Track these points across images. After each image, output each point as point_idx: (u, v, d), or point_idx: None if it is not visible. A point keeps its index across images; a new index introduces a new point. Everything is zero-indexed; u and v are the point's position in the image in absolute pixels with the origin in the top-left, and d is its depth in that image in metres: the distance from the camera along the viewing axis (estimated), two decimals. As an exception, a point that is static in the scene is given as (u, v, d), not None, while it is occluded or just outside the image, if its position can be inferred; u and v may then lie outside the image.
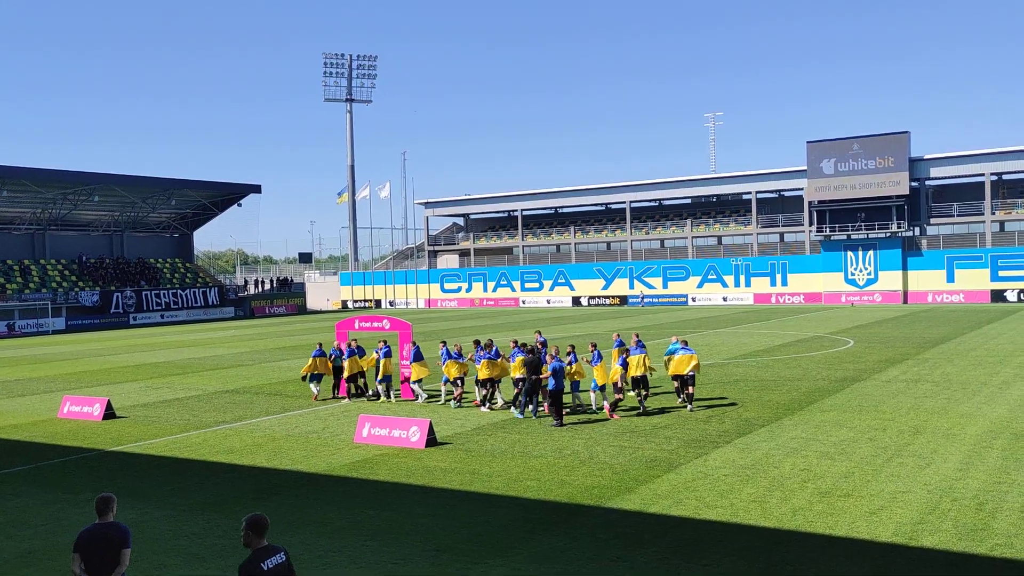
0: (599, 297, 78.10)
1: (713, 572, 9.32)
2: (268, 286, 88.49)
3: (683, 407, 19.39)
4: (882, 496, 11.90)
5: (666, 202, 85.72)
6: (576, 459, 14.86)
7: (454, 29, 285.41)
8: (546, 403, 18.42)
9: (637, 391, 19.19)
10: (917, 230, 68.22)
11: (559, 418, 17.94)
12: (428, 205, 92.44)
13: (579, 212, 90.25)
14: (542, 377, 18.48)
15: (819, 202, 68.85)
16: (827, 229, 68.96)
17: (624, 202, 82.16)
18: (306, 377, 23.17)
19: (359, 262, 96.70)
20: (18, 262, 70.52)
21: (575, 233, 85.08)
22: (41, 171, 68.59)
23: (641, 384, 19.14)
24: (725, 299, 72.59)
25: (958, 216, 67.84)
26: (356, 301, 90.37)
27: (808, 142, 68.73)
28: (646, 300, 75.12)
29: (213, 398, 24.16)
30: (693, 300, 73.69)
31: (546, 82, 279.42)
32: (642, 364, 19.07)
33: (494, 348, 20.43)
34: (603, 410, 19.09)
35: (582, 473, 13.85)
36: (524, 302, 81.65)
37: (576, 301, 79.01)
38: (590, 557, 9.90)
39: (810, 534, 10.44)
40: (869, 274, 67.47)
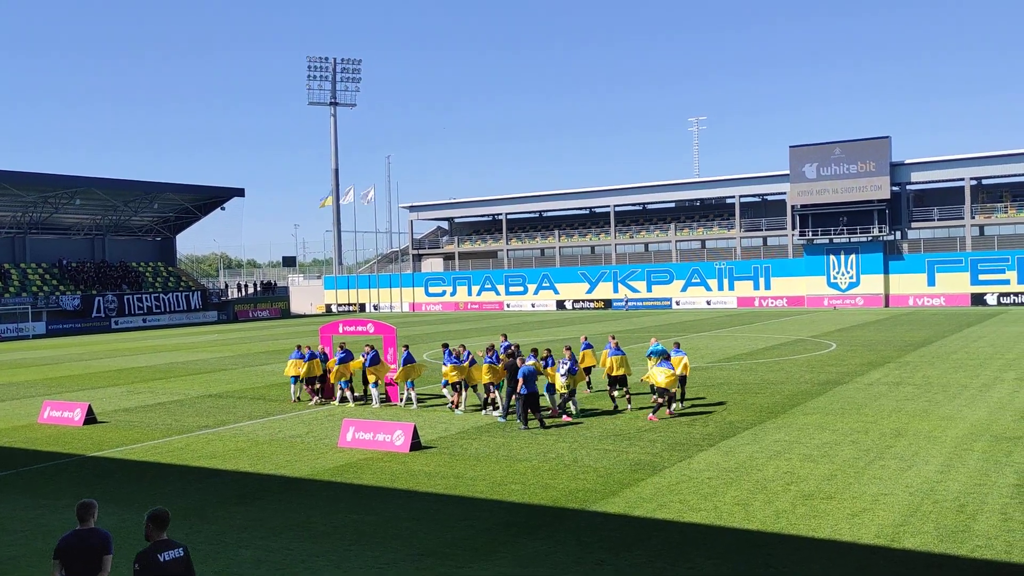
0: (583, 301, 78.24)
1: (697, 575, 9.35)
2: (252, 290, 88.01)
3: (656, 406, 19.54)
4: (864, 498, 11.99)
5: (650, 206, 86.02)
6: (560, 463, 14.87)
7: (438, 34, 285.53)
8: (518, 406, 18.35)
9: (611, 390, 19.91)
10: (898, 234, 68.79)
11: (526, 422, 18.08)
12: (412, 209, 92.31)
13: (563, 216, 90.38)
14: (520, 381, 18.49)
15: (801, 206, 69.29)
16: (809, 233, 69.41)
17: (608, 206, 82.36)
18: (297, 379, 22.99)
19: (343, 266, 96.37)
20: (-2, 266, 69.82)
21: (559, 237, 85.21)
22: (21, 174, 67.94)
23: (619, 383, 19.76)
24: (709, 303, 72.90)
25: (938, 220, 68.47)
26: (340, 305, 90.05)
27: (791, 147, 69.21)
28: (630, 304, 75.31)
29: (195, 403, 24.00)
30: (677, 303, 73.95)
31: (530, 87, 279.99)
32: (623, 365, 19.60)
33: (466, 352, 20.55)
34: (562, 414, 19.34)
35: (566, 476, 13.86)
36: (508, 306, 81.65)
37: (560, 305, 79.10)
38: (574, 560, 9.91)
39: (793, 536, 10.50)
40: (851, 278, 67.96)
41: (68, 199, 72.10)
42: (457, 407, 20.48)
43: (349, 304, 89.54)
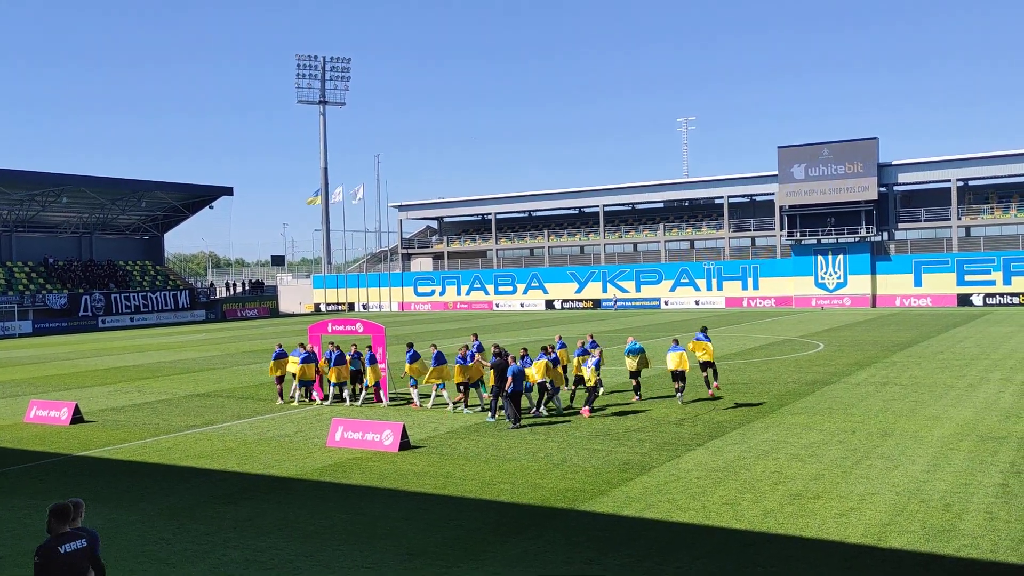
0: (572, 300, 78.31)
1: (685, 574, 9.38)
2: (240, 289, 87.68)
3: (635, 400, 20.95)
4: (851, 498, 12.06)
5: (639, 206, 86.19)
6: (549, 462, 14.89)
7: (429, 34, 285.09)
8: (506, 405, 18.42)
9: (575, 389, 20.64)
10: (885, 235, 69.18)
11: (515, 421, 18.17)
12: (402, 208, 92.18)
13: (553, 216, 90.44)
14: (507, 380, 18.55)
15: (790, 207, 69.58)
16: (798, 233, 69.70)
17: (597, 206, 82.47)
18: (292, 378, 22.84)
19: (332, 265, 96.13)
20: (-17, 264, 69.30)
21: (549, 237, 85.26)
22: (8, 172, 67.43)
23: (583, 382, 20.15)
24: (697, 302, 73.10)
25: (925, 221, 68.90)
26: (329, 304, 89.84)
27: (779, 147, 69.48)
28: (619, 303, 75.44)
29: (183, 402, 23.90)
30: (666, 303, 74.12)
31: (520, 87, 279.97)
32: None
33: (470, 352, 20.53)
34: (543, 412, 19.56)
35: (555, 476, 13.88)
36: (498, 305, 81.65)
37: (549, 304, 79.15)
38: (563, 560, 9.92)
39: (781, 536, 10.55)
40: (839, 278, 68.30)
41: (55, 197, 71.63)
42: (467, 406, 20.41)
43: (338, 303, 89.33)
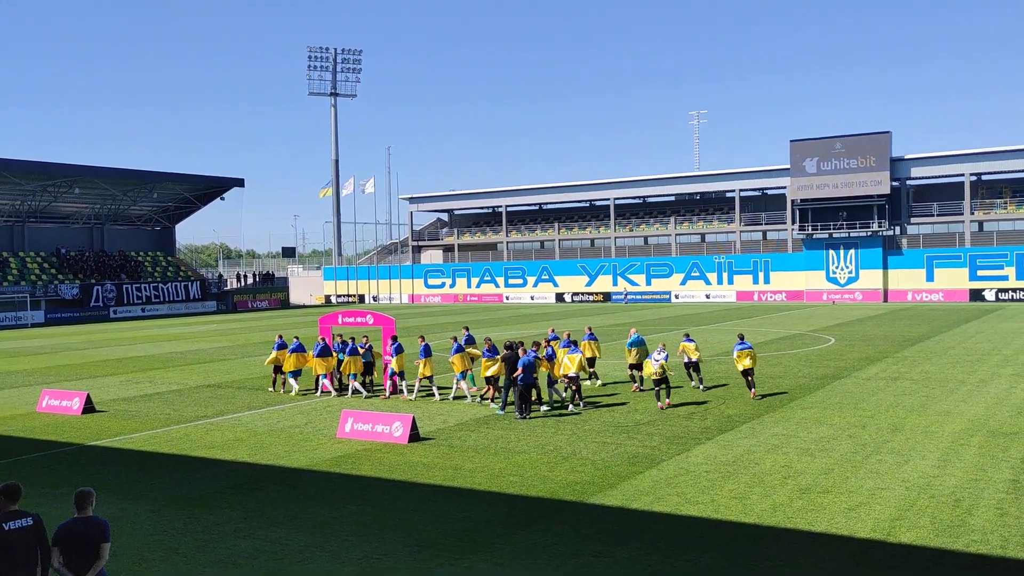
0: (583, 294, 78.23)
1: (694, 568, 9.38)
2: (251, 280, 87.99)
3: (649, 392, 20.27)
4: (861, 492, 12.02)
5: (650, 199, 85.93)
6: (559, 455, 14.90)
7: (439, 26, 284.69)
8: (516, 396, 18.43)
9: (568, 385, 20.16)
10: (897, 229, 68.80)
11: (525, 412, 18.21)
12: (412, 200, 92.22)
13: (563, 209, 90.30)
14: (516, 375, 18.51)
15: (801, 200, 69.26)
16: (809, 228, 69.38)
17: (608, 199, 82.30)
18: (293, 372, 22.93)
19: (343, 257, 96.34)
20: (-4, 254, 69.75)
21: (559, 230, 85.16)
22: (20, 162, 67.76)
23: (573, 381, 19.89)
24: (708, 296, 72.92)
25: (938, 216, 68.47)
26: (340, 296, 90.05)
27: (791, 141, 69.12)
28: (629, 297, 75.32)
29: (194, 392, 24.02)
30: (676, 297, 73.96)
31: (531, 80, 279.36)
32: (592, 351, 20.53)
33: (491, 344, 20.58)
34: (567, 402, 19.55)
35: (564, 469, 13.88)
36: (508, 298, 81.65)
37: (560, 297, 79.10)
38: (572, 553, 9.93)
39: (790, 530, 10.53)
40: (850, 272, 67.99)
41: (67, 188, 71.99)
42: (492, 400, 20.26)
43: (348, 295, 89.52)
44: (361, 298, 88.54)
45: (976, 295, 63.08)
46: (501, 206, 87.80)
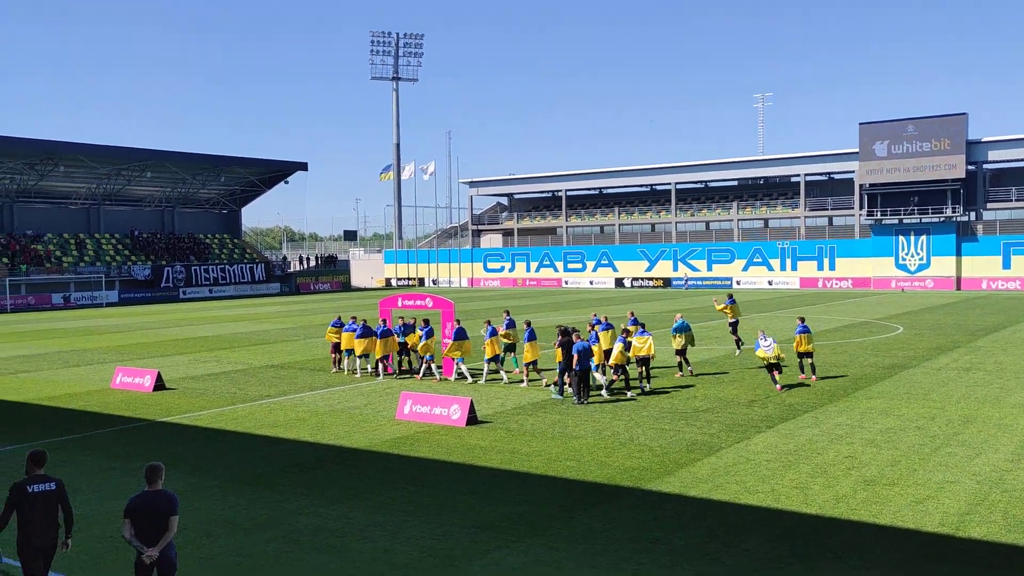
0: (643, 279, 77.58)
1: (753, 557, 9.25)
2: (313, 263, 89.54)
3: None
4: (929, 485, 11.69)
5: (712, 184, 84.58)
6: (616, 440, 14.83)
7: (501, 9, 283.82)
8: (573, 382, 18.48)
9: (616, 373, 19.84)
10: (972, 215, 66.39)
11: (583, 398, 18.24)
12: (472, 184, 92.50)
13: (624, 193, 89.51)
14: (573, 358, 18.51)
15: (870, 185, 67.32)
16: (878, 213, 67.44)
17: (669, 183, 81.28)
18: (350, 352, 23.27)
19: (403, 240, 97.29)
20: (74, 236, 72.34)
21: (619, 214, 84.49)
22: (96, 147, 70.11)
23: (644, 364, 19.90)
24: (770, 283, 71.59)
25: (1016, 201, 65.83)
26: (400, 279, 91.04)
27: (860, 124, 67.15)
28: (690, 283, 74.43)
29: (258, 372, 24.59)
30: (738, 283, 72.78)
31: (593, 62, 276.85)
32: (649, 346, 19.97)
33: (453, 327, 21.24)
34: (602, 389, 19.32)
35: (622, 455, 13.82)
36: (567, 283, 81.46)
37: (619, 283, 78.59)
38: (629, 539, 9.89)
39: (853, 522, 10.30)
40: (921, 259, 65.95)
41: (140, 172, 74.28)
42: (548, 385, 20.42)
43: (408, 278, 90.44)
44: (421, 281, 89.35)
45: (1055, 284, 60.56)
46: (561, 190, 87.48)
